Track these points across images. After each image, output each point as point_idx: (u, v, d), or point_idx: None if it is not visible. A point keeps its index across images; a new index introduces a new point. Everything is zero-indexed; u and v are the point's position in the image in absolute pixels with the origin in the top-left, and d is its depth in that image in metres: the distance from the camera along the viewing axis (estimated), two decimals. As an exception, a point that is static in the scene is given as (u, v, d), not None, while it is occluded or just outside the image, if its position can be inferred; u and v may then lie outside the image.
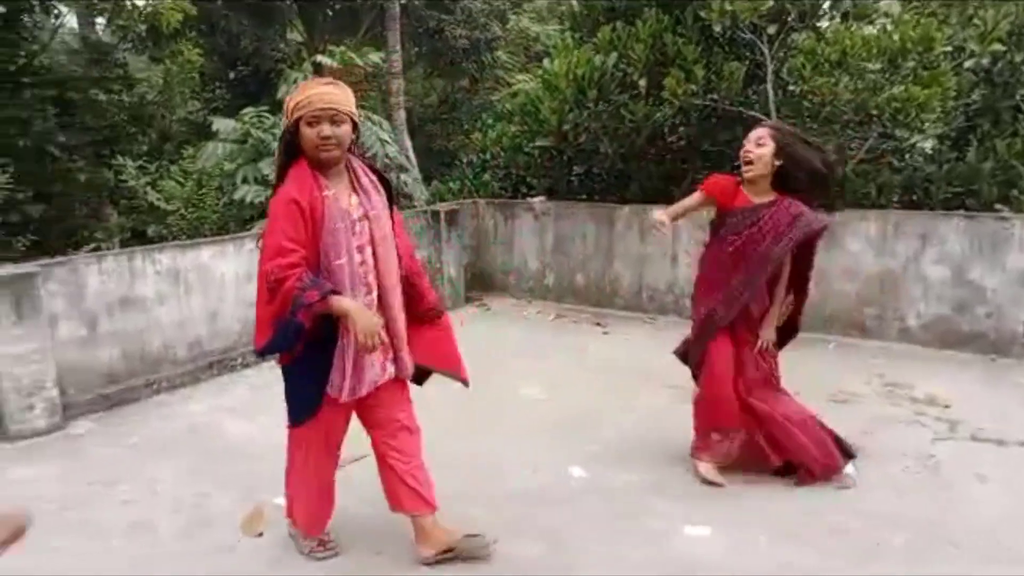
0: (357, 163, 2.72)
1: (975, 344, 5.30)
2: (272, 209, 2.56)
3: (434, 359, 2.97)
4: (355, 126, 2.62)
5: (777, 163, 3.27)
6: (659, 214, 3.44)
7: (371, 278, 2.66)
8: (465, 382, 3.02)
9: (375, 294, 2.70)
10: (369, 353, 2.58)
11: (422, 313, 2.92)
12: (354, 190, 2.66)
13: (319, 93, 2.53)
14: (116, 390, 4.60)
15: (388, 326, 2.73)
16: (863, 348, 5.49)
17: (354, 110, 2.61)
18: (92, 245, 6.80)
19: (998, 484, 3.46)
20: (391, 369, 2.79)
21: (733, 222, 3.36)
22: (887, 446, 3.86)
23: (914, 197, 6.17)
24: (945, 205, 5.90)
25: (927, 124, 5.78)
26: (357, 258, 2.62)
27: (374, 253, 2.66)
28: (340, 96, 2.56)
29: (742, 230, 3.32)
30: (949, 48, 5.87)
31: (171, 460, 3.86)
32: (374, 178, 2.74)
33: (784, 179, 3.30)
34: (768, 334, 3.49)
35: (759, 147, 3.28)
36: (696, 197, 3.53)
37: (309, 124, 2.53)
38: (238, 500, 3.40)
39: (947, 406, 4.36)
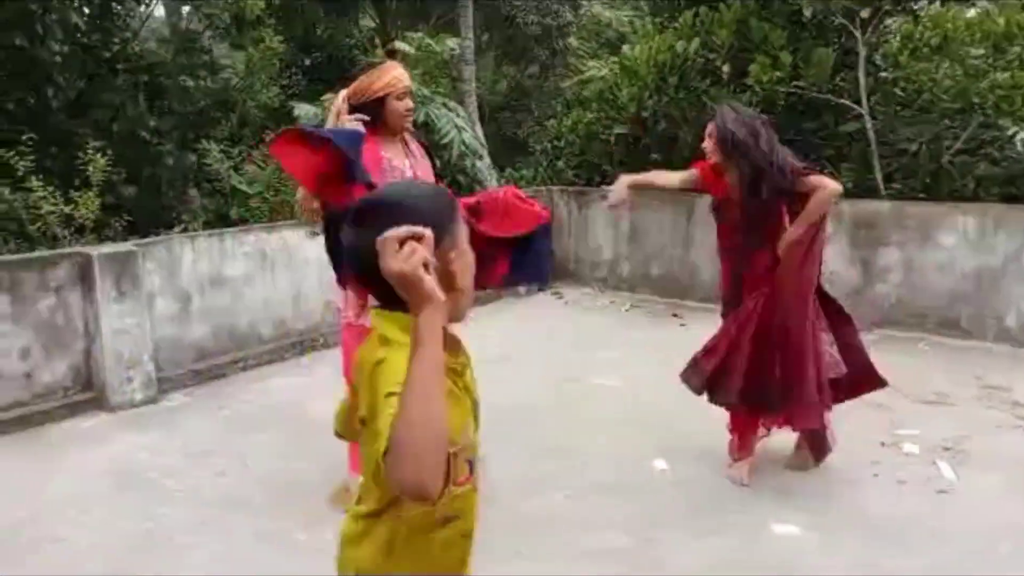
0: (407, 134, 3.22)
1: (1080, 347, 5.01)
2: None
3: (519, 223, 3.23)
4: None
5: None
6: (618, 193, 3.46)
7: None
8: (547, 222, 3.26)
9: None
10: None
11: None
12: (407, 155, 3.18)
13: (402, 74, 3.07)
14: (206, 366, 4.77)
15: None
16: (958, 348, 5.24)
17: None
18: (181, 227, 7.04)
19: (1111, 495, 3.26)
20: None
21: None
22: (987, 451, 3.69)
23: (1015, 191, 5.85)
24: (1050, 200, 5.58)
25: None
26: None
27: None
28: (408, 76, 3.12)
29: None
30: (1059, 32, 5.54)
31: (259, 435, 3.97)
32: (420, 147, 3.27)
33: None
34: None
35: (709, 139, 3.30)
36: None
37: (398, 99, 3.04)
38: (324, 475, 3.47)
39: (1051, 411, 4.13)
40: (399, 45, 7.94)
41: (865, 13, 5.53)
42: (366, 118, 2.99)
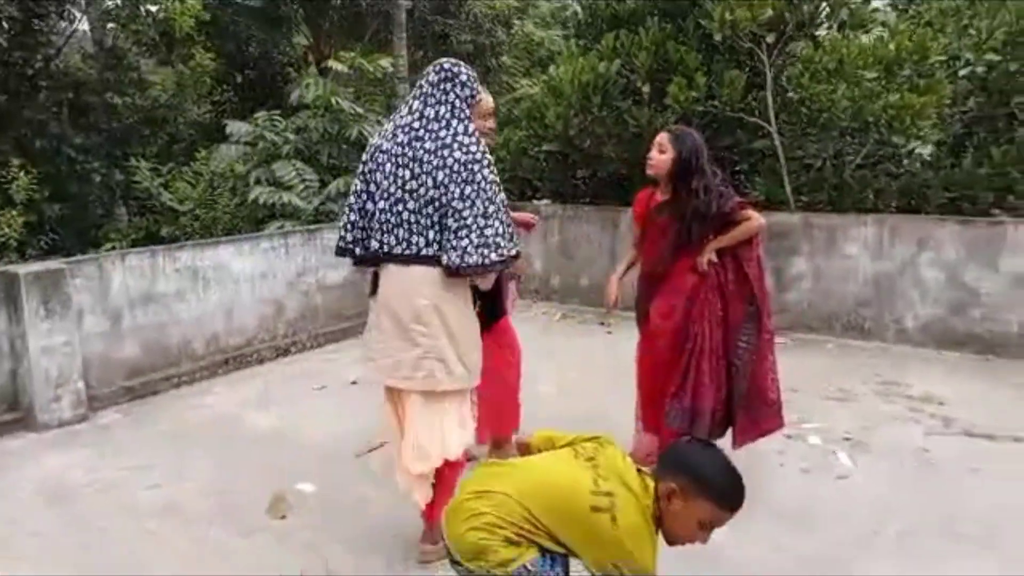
0: None
1: (970, 345, 5.45)
2: None
3: None
4: None
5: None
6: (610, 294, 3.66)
7: None
8: None
9: None
10: None
11: None
12: None
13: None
14: (138, 383, 4.76)
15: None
16: (861, 349, 5.65)
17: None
18: (109, 245, 6.94)
19: (989, 477, 3.61)
20: None
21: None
22: (883, 440, 4.02)
23: (911, 202, 6.34)
24: (942, 210, 6.06)
25: (924, 131, 5.94)
26: None
27: None
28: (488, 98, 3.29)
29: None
30: (944, 57, 6.04)
31: (195, 449, 4.01)
32: None
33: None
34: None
35: (660, 153, 3.37)
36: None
37: (480, 118, 3.16)
38: (261, 486, 3.55)
39: (941, 403, 4.51)
40: (333, 64, 8.04)
41: (770, 38, 5.93)
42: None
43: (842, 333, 5.89)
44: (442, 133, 2.67)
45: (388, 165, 2.69)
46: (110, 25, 10.07)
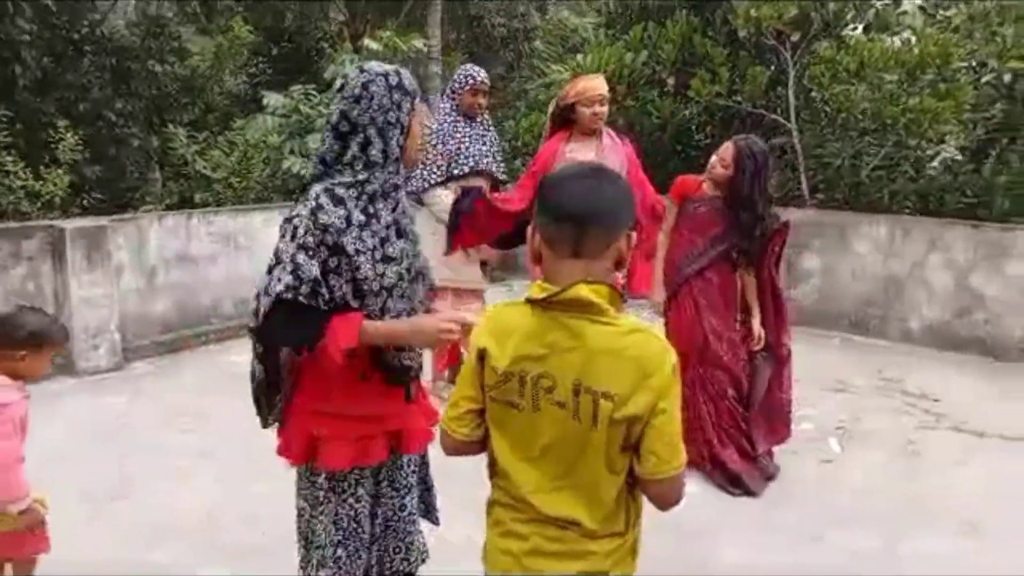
0: (607, 131, 3.91)
1: (973, 348, 5.55)
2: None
3: None
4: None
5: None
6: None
7: None
8: None
9: None
10: None
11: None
12: (596, 150, 3.80)
13: (593, 84, 3.77)
14: (169, 338, 5.04)
15: None
16: (865, 346, 5.78)
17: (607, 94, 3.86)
18: (145, 208, 7.23)
19: (971, 469, 3.76)
20: None
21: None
22: (873, 431, 4.18)
23: (928, 206, 6.42)
24: (958, 215, 6.13)
25: (947, 136, 6.01)
26: None
27: None
28: (603, 85, 3.81)
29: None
30: (972, 63, 6.10)
31: (221, 399, 4.26)
32: (618, 142, 3.88)
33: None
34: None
35: (723, 166, 3.47)
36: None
37: (585, 105, 3.71)
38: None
39: (936, 400, 4.65)
40: (367, 42, 8.24)
41: (795, 36, 6.03)
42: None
43: (849, 330, 6.02)
44: None
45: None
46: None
